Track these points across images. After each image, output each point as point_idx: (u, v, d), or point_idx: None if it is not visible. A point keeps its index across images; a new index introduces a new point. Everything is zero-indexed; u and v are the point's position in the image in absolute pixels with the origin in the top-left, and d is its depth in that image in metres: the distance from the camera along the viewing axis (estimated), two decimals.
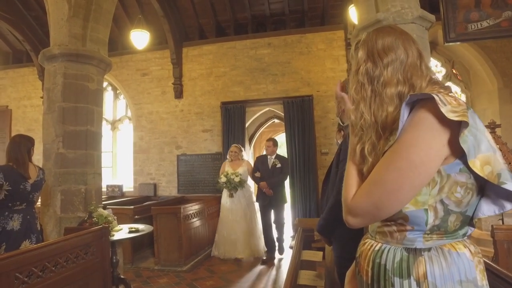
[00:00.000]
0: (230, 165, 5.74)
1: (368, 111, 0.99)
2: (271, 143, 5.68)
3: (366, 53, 1.03)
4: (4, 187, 2.87)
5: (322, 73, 6.88)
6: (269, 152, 5.64)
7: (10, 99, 9.07)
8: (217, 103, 7.26)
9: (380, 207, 0.88)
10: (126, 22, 7.58)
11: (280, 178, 5.51)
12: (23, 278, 2.25)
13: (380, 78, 0.98)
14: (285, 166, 5.62)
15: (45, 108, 4.22)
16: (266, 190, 5.37)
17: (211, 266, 5.18)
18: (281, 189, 5.54)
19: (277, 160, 5.55)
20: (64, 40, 4.16)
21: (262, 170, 5.55)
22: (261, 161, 5.69)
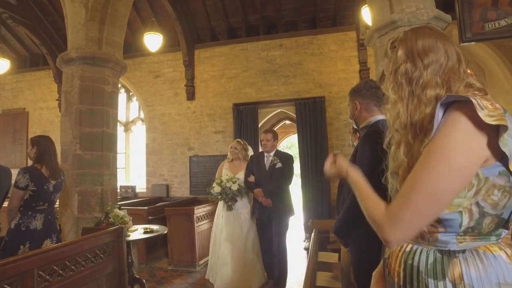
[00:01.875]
0: (230, 166, 4.48)
1: (404, 111, 0.98)
2: (269, 135, 4.21)
3: (405, 53, 1.01)
4: (29, 187, 2.95)
5: (334, 74, 6.86)
6: (268, 148, 4.20)
7: (27, 102, 9.29)
8: (229, 104, 7.30)
9: (423, 214, 0.85)
10: (139, 24, 7.68)
11: (281, 182, 4.04)
12: (45, 276, 2.31)
13: (419, 80, 0.97)
14: (288, 166, 4.14)
15: (62, 110, 4.30)
16: (263, 199, 3.99)
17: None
18: (284, 197, 4.09)
19: (276, 159, 4.12)
20: (81, 43, 4.24)
21: (257, 172, 4.15)
22: (256, 160, 4.27)
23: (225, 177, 4.21)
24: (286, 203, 4.09)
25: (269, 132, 4.28)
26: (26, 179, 2.93)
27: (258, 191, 4.02)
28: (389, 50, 1.09)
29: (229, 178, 4.18)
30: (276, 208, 3.99)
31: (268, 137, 4.19)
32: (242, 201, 4.25)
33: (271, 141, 4.19)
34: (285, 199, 4.10)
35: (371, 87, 2.02)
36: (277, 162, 4.11)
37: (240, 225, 4.17)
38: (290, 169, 4.15)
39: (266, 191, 3.99)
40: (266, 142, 4.17)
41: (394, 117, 1.01)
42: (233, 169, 4.41)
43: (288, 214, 4.11)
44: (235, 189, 4.11)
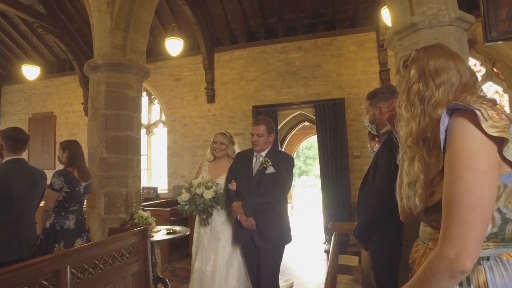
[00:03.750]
0: (210, 167, 3.33)
1: (417, 129, 1.01)
2: (261, 128, 2.92)
3: (417, 73, 1.04)
4: (63, 189, 3.12)
5: (353, 76, 6.82)
6: (260, 147, 2.94)
7: (54, 106, 9.67)
8: (249, 107, 7.37)
9: (472, 225, 0.83)
10: (160, 30, 7.87)
11: (271, 195, 2.82)
12: (77, 273, 2.43)
13: (431, 99, 1.01)
14: (284, 171, 2.90)
15: (89, 115, 4.48)
16: (242, 218, 2.82)
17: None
18: (275, 216, 2.88)
19: (268, 161, 2.88)
20: (107, 50, 4.41)
21: (240, 178, 2.97)
22: (242, 161, 3.05)
23: (197, 180, 3.09)
24: (278, 225, 2.82)
25: (261, 122, 2.93)
26: (61, 181, 3.10)
27: (237, 205, 2.80)
28: (402, 68, 1.12)
29: (202, 182, 3.01)
30: (262, 232, 2.77)
31: (260, 130, 2.87)
32: (221, 215, 3.10)
33: (264, 136, 2.88)
34: (277, 219, 2.84)
35: (394, 91, 2.02)
36: (269, 166, 2.82)
37: (218, 249, 3.00)
38: (287, 176, 2.87)
39: (248, 206, 2.76)
40: (256, 137, 2.88)
41: (407, 134, 1.04)
42: (214, 171, 3.24)
43: (281, 241, 2.87)
44: (209, 197, 2.91)
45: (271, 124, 3.01)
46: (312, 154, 22.83)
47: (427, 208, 0.99)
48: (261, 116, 3.19)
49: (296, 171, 21.12)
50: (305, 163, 24.08)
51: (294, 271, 5.18)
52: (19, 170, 2.80)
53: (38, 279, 2.25)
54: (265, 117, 3.21)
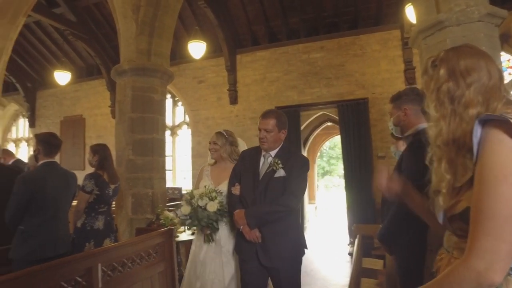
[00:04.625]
0: (213, 171, 2.90)
1: (447, 129, 1.00)
2: (271, 121, 2.43)
3: (447, 72, 1.03)
4: (94, 191, 3.27)
5: (377, 75, 6.70)
6: (268, 145, 2.45)
7: (83, 109, 10.06)
8: (271, 107, 7.37)
9: (504, 239, 0.82)
10: (183, 33, 8.02)
11: (281, 203, 2.33)
12: (107, 271, 2.54)
13: (461, 99, 0.99)
14: (297, 175, 2.40)
15: (117, 118, 4.64)
16: (244, 229, 2.36)
17: None
18: (284, 227, 2.39)
19: (278, 162, 2.40)
20: (132, 56, 4.55)
21: (245, 181, 2.52)
22: (247, 160, 2.58)
23: (199, 191, 2.64)
24: (287, 239, 2.36)
25: (270, 115, 2.45)
26: (92, 184, 3.25)
27: (239, 214, 2.37)
28: (430, 68, 1.10)
29: (205, 192, 2.58)
30: (268, 247, 2.32)
31: (269, 125, 2.39)
32: (226, 229, 2.66)
33: (274, 132, 2.39)
34: (287, 231, 2.36)
35: (418, 93, 1.99)
36: (279, 168, 2.36)
37: (221, 265, 2.60)
38: (300, 181, 2.40)
39: (252, 216, 2.32)
40: (264, 133, 2.40)
41: (436, 134, 1.03)
42: (217, 176, 2.82)
43: (291, 258, 2.42)
44: (213, 210, 2.49)
45: (283, 118, 2.48)
46: (335, 154, 22.55)
47: (452, 216, 0.98)
48: (272, 109, 2.49)
49: (319, 171, 20.93)
50: (329, 163, 23.82)
51: (319, 272, 5.15)
52: (53, 172, 2.94)
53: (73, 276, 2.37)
54: (276, 110, 2.62)
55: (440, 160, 1.02)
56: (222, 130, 3.05)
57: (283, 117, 2.50)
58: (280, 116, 2.48)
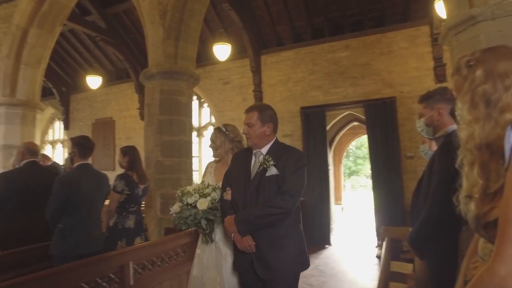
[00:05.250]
0: (217, 168, 2.71)
1: (480, 132, 0.97)
2: (253, 115, 2.22)
3: (484, 74, 1.00)
4: (124, 191, 3.41)
5: (405, 73, 6.52)
6: (253, 141, 2.23)
7: (113, 111, 10.43)
8: (297, 108, 7.36)
9: None
10: (208, 35, 8.14)
11: (274, 206, 2.04)
12: (138, 269, 2.64)
13: (498, 103, 0.96)
14: (292, 172, 2.11)
15: (145, 121, 4.79)
16: (235, 237, 2.12)
17: None
18: (281, 236, 2.10)
19: (269, 159, 2.15)
20: (160, 60, 4.68)
21: (236, 183, 2.28)
22: (240, 161, 2.34)
23: (192, 186, 2.44)
24: (286, 247, 2.06)
25: (252, 109, 2.25)
26: (122, 184, 3.38)
27: (228, 220, 2.14)
28: (464, 68, 1.07)
29: (197, 188, 2.37)
30: (264, 257, 2.05)
31: (251, 119, 2.19)
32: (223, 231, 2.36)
33: (256, 126, 2.17)
34: (285, 238, 2.07)
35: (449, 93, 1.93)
36: (270, 165, 2.10)
37: (223, 273, 2.33)
38: (296, 178, 2.08)
39: (242, 221, 2.07)
40: (247, 128, 2.20)
41: (468, 137, 1.00)
42: (219, 174, 2.61)
43: (291, 270, 2.11)
44: (203, 208, 2.26)
45: (268, 111, 2.23)
46: (362, 153, 22.14)
47: (487, 223, 0.95)
48: (258, 103, 2.26)
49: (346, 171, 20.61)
50: (355, 163, 23.41)
51: (346, 274, 5.10)
52: (87, 174, 3.09)
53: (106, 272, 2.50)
54: (262, 103, 2.35)
55: (472, 164, 0.99)
56: (222, 125, 2.77)
57: (268, 111, 2.25)
58: (263, 109, 2.25)
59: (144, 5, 4.91)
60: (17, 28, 6.31)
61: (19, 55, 6.31)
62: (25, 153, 3.51)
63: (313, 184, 6.96)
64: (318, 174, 6.95)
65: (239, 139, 2.67)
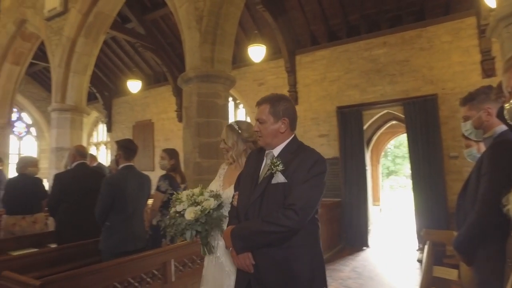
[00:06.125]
0: (228, 171, 2.34)
1: None
2: (264, 108, 1.81)
3: None
4: (168, 191, 3.57)
5: (447, 69, 6.22)
6: (265, 140, 1.81)
7: (152, 114, 10.85)
8: (333, 107, 7.26)
9: None
10: (243, 37, 8.24)
11: (275, 222, 1.61)
12: (179, 266, 2.75)
13: None
14: (303, 180, 1.66)
15: (184, 123, 4.95)
16: (232, 254, 1.73)
17: (331, 271, 5.22)
18: (287, 257, 1.67)
19: (278, 162, 1.72)
20: (197, 63, 4.81)
21: (242, 188, 1.91)
22: (250, 162, 1.98)
23: (186, 192, 2.07)
24: (294, 272, 1.67)
25: (263, 102, 1.85)
26: (166, 184, 3.56)
27: (226, 233, 1.79)
28: None
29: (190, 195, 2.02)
30: (266, 281, 1.68)
31: (262, 114, 1.82)
32: None
33: (269, 122, 1.79)
34: (291, 261, 1.67)
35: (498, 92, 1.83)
36: (278, 170, 1.71)
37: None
38: (306, 188, 1.67)
39: (238, 235, 1.71)
40: (258, 125, 1.83)
41: None
42: (228, 177, 2.29)
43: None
44: (190, 218, 1.93)
45: (282, 103, 1.80)
46: (401, 153, 21.33)
47: None
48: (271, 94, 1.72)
49: (384, 171, 19.99)
50: (394, 163, 22.61)
51: (384, 278, 4.96)
52: (131, 175, 3.26)
53: (150, 269, 2.64)
54: (275, 94, 1.91)
55: None
56: (235, 122, 2.34)
57: (283, 102, 1.81)
58: (277, 100, 1.81)
59: (181, 11, 5.08)
60: (67, 39, 6.77)
61: (68, 64, 6.78)
62: (75, 156, 3.77)
63: (350, 185, 6.84)
64: (355, 174, 6.82)
65: (254, 139, 2.17)
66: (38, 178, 4.59)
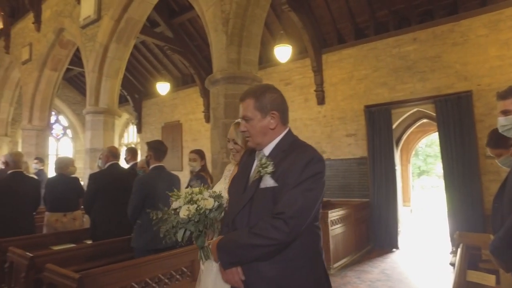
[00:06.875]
0: (235, 171, 2.04)
1: None
2: (248, 104, 1.57)
3: None
4: None
5: (483, 63, 5.94)
6: (255, 140, 1.60)
7: (180, 115, 11.09)
8: (360, 106, 7.13)
9: None
10: (268, 37, 8.26)
11: (261, 234, 1.39)
12: None
13: None
14: (295, 184, 1.42)
15: (211, 124, 5.03)
16: (220, 269, 1.53)
17: (360, 273, 5.14)
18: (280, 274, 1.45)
19: (267, 163, 1.50)
20: (224, 65, 4.88)
21: (233, 192, 1.74)
22: (242, 163, 1.79)
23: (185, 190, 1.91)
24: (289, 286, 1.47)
25: (247, 96, 1.61)
26: (198, 183, 3.62)
27: (213, 243, 1.57)
28: None
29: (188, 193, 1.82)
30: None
31: (247, 110, 1.59)
32: None
33: (255, 119, 1.57)
34: (285, 278, 1.46)
35: None
36: (266, 172, 1.50)
37: None
38: (299, 193, 1.42)
39: (222, 248, 1.50)
40: (244, 124, 1.60)
41: None
42: None
43: None
44: (183, 215, 1.75)
45: (268, 94, 1.58)
46: (433, 152, 20.57)
47: None
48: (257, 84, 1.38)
49: (415, 171, 19.37)
50: (425, 162, 21.83)
51: (415, 280, 4.82)
52: (161, 175, 3.37)
53: (179, 266, 2.72)
54: (260, 85, 1.80)
55: None
56: None
57: (268, 93, 1.58)
58: (261, 93, 1.57)
59: (208, 14, 5.17)
60: (100, 45, 7.08)
61: (101, 68, 7.08)
62: (109, 156, 3.94)
63: (379, 185, 6.69)
64: (383, 174, 6.67)
65: None
66: (76, 178, 4.85)
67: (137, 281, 2.35)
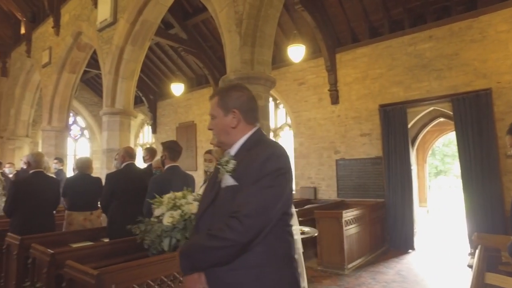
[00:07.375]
0: None
1: None
2: (214, 102, 1.55)
3: None
4: None
5: (504, 60, 5.78)
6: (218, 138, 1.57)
7: (195, 115, 11.19)
8: (375, 106, 7.06)
9: None
10: (282, 37, 8.25)
11: (217, 235, 1.29)
12: None
13: None
14: (254, 181, 1.33)
15: None
16: (182, 276, 1.74)
17: (375, 274, 5.09)
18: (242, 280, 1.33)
19: (229, 163, 1.43)
20: (237, 66, 4.91)
21: (203, 195, 1.67)
22: (214, 170, 1.59)
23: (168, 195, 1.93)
24: None
25: (213, 95, 1.59)
26: None
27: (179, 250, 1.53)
28: None
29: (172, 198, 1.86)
30: None
31: (212, 109, 1.55)
32: None
33: (219, 117, 1.53)
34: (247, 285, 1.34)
35: None
36: (226, 170, 1.43)
37: None
38: (255, 191, 1.33)
39: (184, 253, 1.41)
40: (211, 121, 1.57)
41: None
42: None
43: None
44: (167, 223, 1.79)
45: (232, 92, 1.54)
46: (451, 151, 20.12)
47: None
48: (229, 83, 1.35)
49: (432, 171, 18.99)
50: (443, 162, 21.37)
51: (432, 282, 4.74)
52: (176, 174, 3.42)
53: None
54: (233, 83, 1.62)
55: None
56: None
57: (233, 92, 1.54)
58: (226, 90, 1.56)
59: (221, 15, 5.21)
60: (116, 48, 7.23)
61: (117, 70, 7.23)
62: (125, 156, 4.02)
63: (394, 185, 6.60)
64: (399, 174, 6.58)
65: None
66: (98, 178, 4.95)
67: (153, 279, 2.40)
